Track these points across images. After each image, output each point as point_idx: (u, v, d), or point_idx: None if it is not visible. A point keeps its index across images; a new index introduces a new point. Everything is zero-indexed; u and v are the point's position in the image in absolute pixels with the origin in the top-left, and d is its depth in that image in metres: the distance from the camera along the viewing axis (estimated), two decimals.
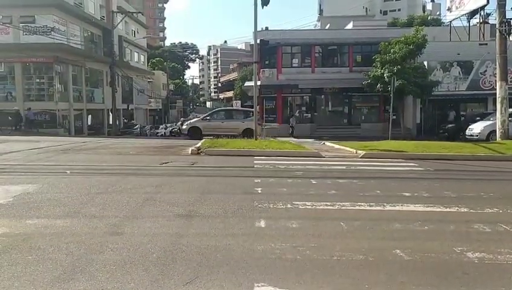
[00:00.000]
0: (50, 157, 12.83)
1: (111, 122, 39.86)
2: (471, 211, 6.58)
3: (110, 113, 40.12)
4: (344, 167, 11.56)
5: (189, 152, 14.44)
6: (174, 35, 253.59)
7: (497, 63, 19.09)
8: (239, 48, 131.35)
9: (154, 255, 4.40)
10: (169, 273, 3.96)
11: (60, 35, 33.62)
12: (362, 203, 6.88)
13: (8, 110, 32.39)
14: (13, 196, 7.01)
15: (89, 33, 40.75)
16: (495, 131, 19.73)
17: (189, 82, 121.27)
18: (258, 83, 24.55)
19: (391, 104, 23.13)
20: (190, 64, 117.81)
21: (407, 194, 7.74)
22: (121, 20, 42.93)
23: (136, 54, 54.19)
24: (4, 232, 5.12)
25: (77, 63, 36.55)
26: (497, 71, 19.06)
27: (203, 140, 18.81)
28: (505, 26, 18.32)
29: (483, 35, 32.81)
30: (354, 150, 15.36)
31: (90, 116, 39.98)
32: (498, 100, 18.63)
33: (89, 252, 4.49)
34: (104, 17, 43.20)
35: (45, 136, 24.95)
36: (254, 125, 19.03)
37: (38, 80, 34.62)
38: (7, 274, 3.89)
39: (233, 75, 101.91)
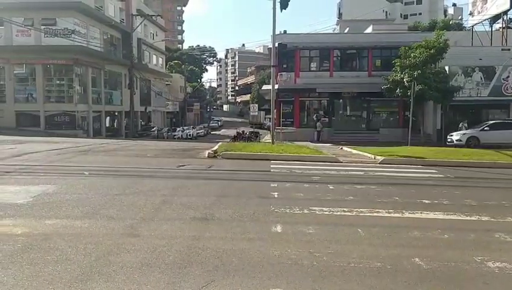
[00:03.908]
0: (69, 159, 13.01)
1: (129, 124, 40.27)
2: (492, 219, 6.45)
3: (128, 115, 40.53)
4: (362, 173, 11.46)
5: (206, 155, 14.48)
6: (192, 38, 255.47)
7: None
8: (257, 51, 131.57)
9: (171, 258, 4.41)
10: (185, 276, 3.97)
11: (80, 37, 34.24)
12: (380, 210, 6.80)
13: None
14: (33, 196, 7.12)
15: (109, 36, 41.36)
16: None
17: (207, 85, 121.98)
18: (276, 86, 24.52)
19: (411, 110, 22.83)
20: (208, 67, 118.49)
21: (426, 201, 7.62)
22: (140, 23, 43.46)
23: (154, 57, 54.74)
24: (24, 232, 5.20)
25: (96, 65, 37.11)
26: None
27: (220, 143, 18.86)
28: None
29: (506, 40, 32.27)
30: (373, 156, 15.23)
31: (108, 118, 40.48)
32: None
33: (107, 253, 4.52)
34: (123, 20, 43.77)
35: (64, 138, 25.36)
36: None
37: (58, 82, 35.27)
38: (26, 273, 3.95)
39: (250, 79, 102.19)
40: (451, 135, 25.07)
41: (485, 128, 24.73)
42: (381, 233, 5.54)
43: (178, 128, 46.42)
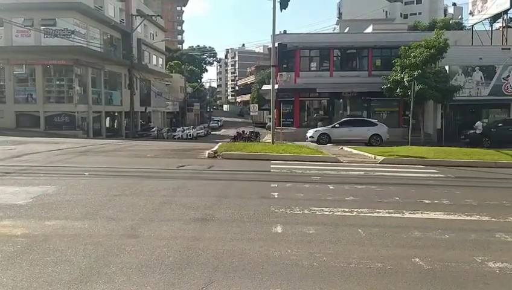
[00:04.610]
0: (69, 159, 13.00)
1: (129, 125, 40.23)
2: (493, 219, 6.43)
3: (128, 115, 40.48)
4: (362, 173, 11.44)
5: (206, 155, 14.47)
6: (192, 38, 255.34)
7: None
8: (257, 51, 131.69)
9: (171, 259, 4.40)
10: (185, 277, 3.95)
11: (80, 38, 34.19)
12: (381, 210, 6.78)
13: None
14: (33, 197, 7.10)
15: (109, 36, 41.30)
16: None
17: (207, 85, 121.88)
18: (276, 86, 24.49)
19: (411, 109, 22.80)
20: (208, 67, 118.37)
21: (427, 201, 7.61)
22: (140, 23, 43.42)
23: (154, 57, 54.67)
24: (23, 233, 5.18)
25: (96, 65, 37.05)
26: None
27: (220, 143, 18.85)
28: None
29: (506, 39, 32.23)
30: (373, 156, 15.21)
31: (108, 118, 40.44)
32: None
33: (106, 254, 4.51)
34: (123, 20, 43.68)
35: (64, 138, 25.35)
36: None
37: (58, 82, 35.22)
38: (26, 275, 3.94)
39: (250, 79, 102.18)
40: (308, 133, 26.28)
41: (336, 125, 26.15)
42: (381, 233, 5.52)
43: (178, 129, 46.41)
